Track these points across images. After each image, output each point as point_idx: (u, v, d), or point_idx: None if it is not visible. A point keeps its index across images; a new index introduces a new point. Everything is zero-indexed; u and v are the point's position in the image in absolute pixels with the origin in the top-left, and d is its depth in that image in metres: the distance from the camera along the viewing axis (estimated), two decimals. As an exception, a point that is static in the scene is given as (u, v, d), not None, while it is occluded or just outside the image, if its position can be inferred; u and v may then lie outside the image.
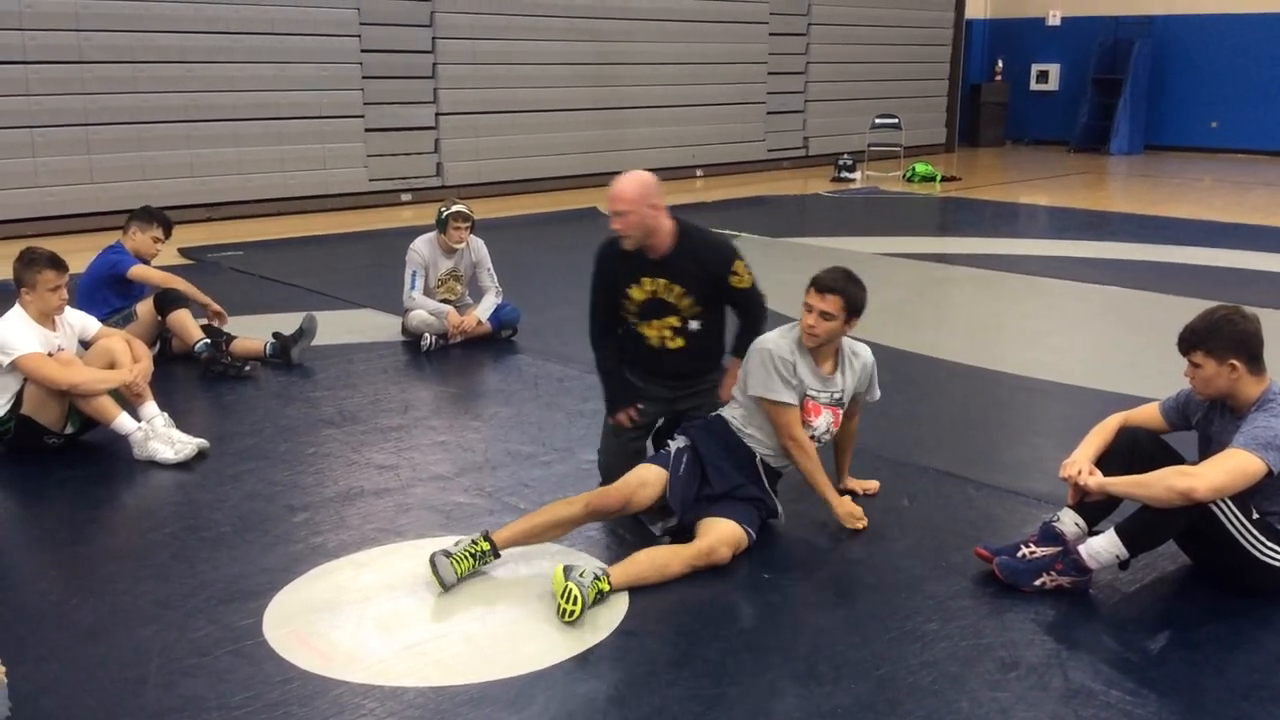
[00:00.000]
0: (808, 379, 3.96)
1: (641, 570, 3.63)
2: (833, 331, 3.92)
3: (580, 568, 3.50)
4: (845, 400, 4.08)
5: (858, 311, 3.94)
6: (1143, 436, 3.73)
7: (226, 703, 2.98)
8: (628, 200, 4.11)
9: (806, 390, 3.97)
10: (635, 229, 4.15)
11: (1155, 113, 19.31)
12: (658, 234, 4.18)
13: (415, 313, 6.64)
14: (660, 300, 4.25)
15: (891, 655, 3.23)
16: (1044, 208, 13.63)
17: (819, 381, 3.99)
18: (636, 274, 4.26)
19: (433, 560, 3.64)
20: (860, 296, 3.92)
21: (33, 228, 10.01)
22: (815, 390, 3.99)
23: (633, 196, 4.11)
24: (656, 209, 4.15)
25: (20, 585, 3.73)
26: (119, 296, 6.16)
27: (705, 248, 4.26)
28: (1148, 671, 3.18)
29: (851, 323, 3.95)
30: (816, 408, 4.00)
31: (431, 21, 12.78)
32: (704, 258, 4.22)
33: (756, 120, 16.61)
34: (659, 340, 4.31)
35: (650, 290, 4.25)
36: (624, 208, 4.12)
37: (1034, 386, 6.00)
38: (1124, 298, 8.18)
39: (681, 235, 4.24)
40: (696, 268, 4.21)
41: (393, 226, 11.09)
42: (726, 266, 4.23)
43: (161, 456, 4.72)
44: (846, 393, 4.07)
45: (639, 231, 4.16)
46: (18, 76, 10.12)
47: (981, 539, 3.91)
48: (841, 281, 3.90)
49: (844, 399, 4.07)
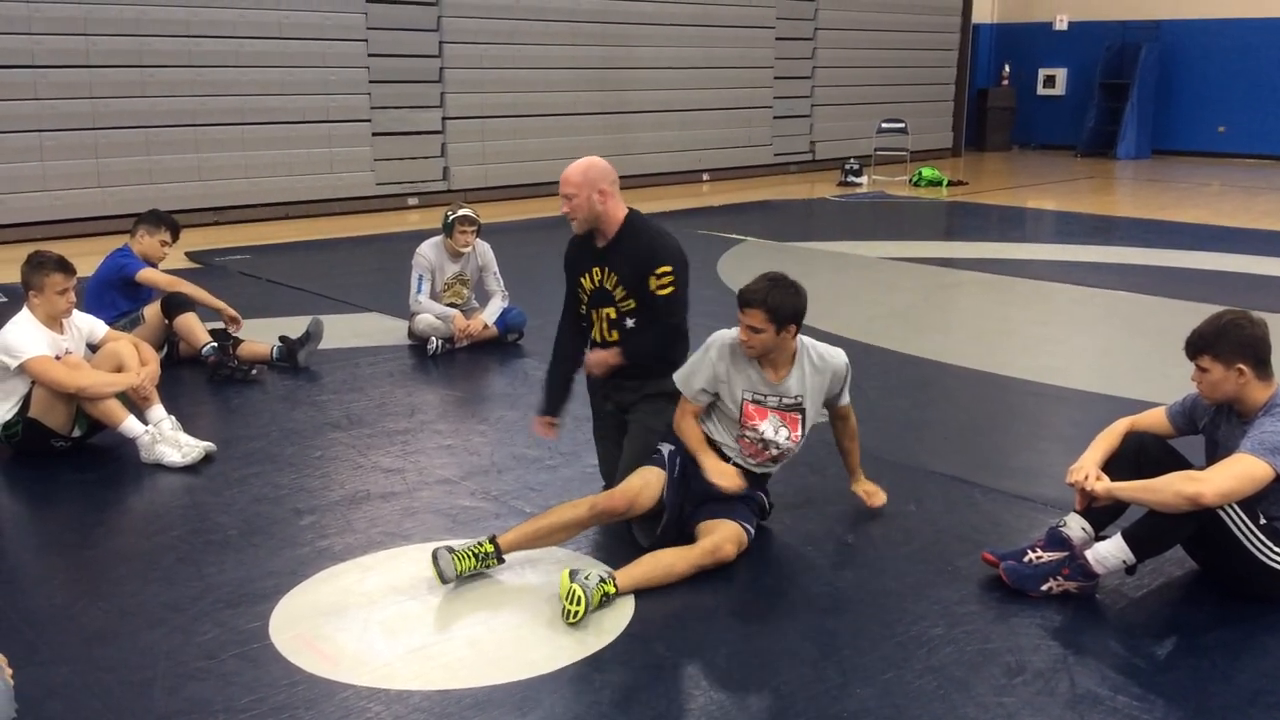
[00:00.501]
0: (751, 383, 3.92)
1: (647, 572, 3.63)
2: (767, 343, 3.81)
3: (586, 571, 3.51)
4: (806, 406, 3.93)
5: (790, 319, 3.78)
6: (1150, 441, 3.72)
7: (233, 706, 2.98)
8: (574, 183, 4.17)
9: (748, 394, 3.92)
10: (580, 212, 4.19)
11: (1162, 117, 19.29)
12: (605, 221, 4.21)
13: (422, 317, 6.65)
14: (603, 290, 4.26)
15: (897, 660, 3.22)
16: (1051, 212, 13.62)
17: (765, 386, 3.91)
18: (589, 263, 4.29)
19: (435, 554, 3.65)
20: (787, 303, 3.77)
21: (41, 231, 10.04)
22: (761, 394, 3.92)
23: (578, 180, 4.17)
24: (605, 195, 4.18)
25: (27, 588, 3.74)
26: (127, 300, 6.18)
27: (641, 243, 4.22)
28: (1155, 677, 3.17)
29: (788, 330, 3.80)
30: (761, 411, 3.92)
31: (438, 26, 12.81)
32: (637, 251, 4.19)
33: (763, 124, 16.61)
34: (599, 333, 4.32)
35: (597, 280, 4.27)
36: (570, 190, 4.18)
37: (1040, 391, 5.99)
38: (1131, 302, 8.16)
39: (627, 226, 4.25)
40: (629, 259, 4.19)
41: (399, 231, 11.11)
42: (651, 266, 4.16)
43: (168, 460, 4.73)
44: (806, 398, 3.93)
45: (583, 215, 4.20)
46: (26, 81, 10.16)
47: (988, 544, 3.91)
48: (761, 294, 3.77)
49: (803, 404, 3.92)
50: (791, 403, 3.93)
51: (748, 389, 3.93)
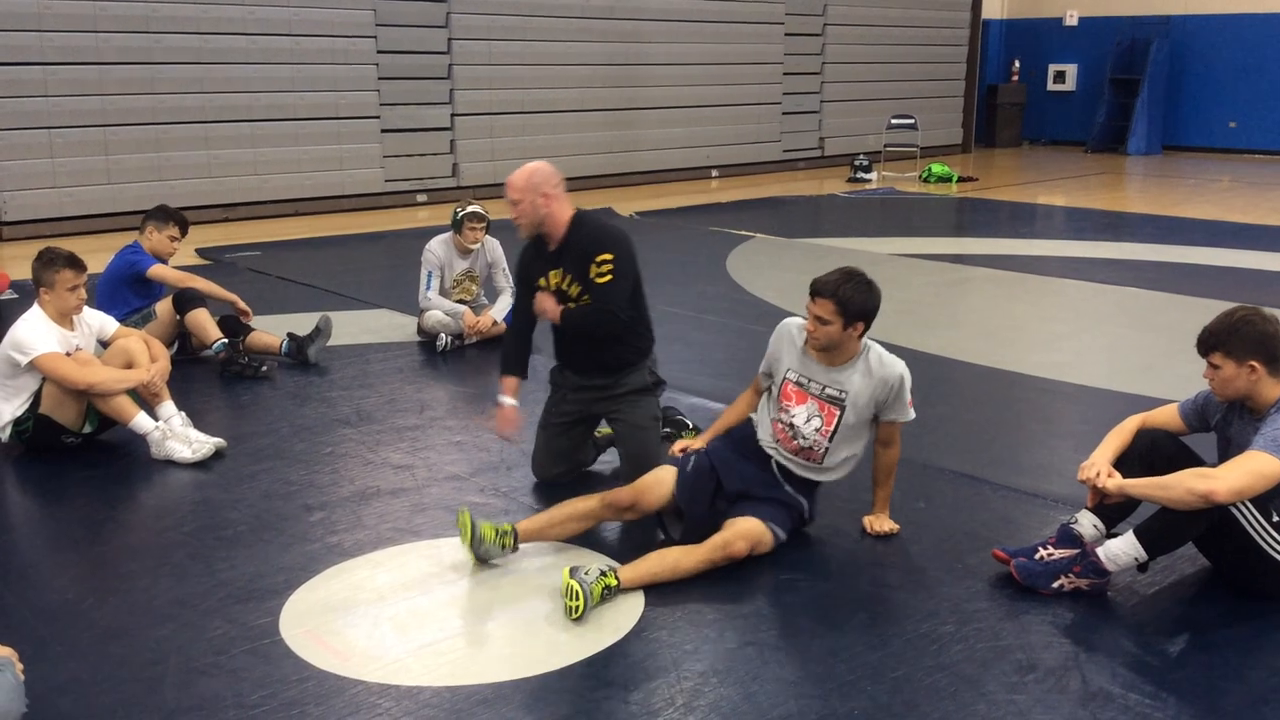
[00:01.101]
0: (799, 364, 3.90)
1: (652, 568, 3.62)
2: (832, 336, 3.74)
3: (586, 566, 3.51)
4: (848, 404, 3.82)
5: (859, 315, 3.73)
6: (1161, 438, 3.70)
7: (243, 701, 2.99)
8: (518, 189, 4.21)
9: (791, 374, 3.91)
10: (526, 217, 4.23)
11: (1173, 113, 19.22)
12: (551, 223, 4.24)
13: (431, 313, 6.66)
14: (561, 292, 4.29)
15: (908, 657, 3.21)
16: (1061, 208, 13.58)
17: (814, 370, 3.86)
18: (545, 267, 4.31)
19: (470, 515, 3.73)
20: (860, 300, 3.71)
21: (51, 228, 10.08)
22: (804, 377, 3.87)
23: (522, 185, 4.20)
24: (549, 198, 4.20)
25: (38, 584, 3.75)
26: (138, 296, 6.19)
27: (587, 235, 4.24)
28: (1166, 674, 3.16)
29: (855, 327, 3.75)
30: (799, 394, 3.87)
31: (447, 23, 12.81)
32: (584, 245, 4.21)
33: (772, 121, 16.59)
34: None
35: (555, 283, 4.29)
36: (515, 196, 4.22)
37: (1051, 388, 5.97)
38: (1141, 299, 8.14)
39: (573, 225, 4.26)
40: (580, 256, 4.21)
41: (408, 227, 11.11)
42: (593, 253, 4.18)
43: (179, 456, 4.74)
44: (851, 396, 3.81)
45: (530, 220, 4.24)
46: (36, 78, 10.19)
47: (999, 541, 3.90)
48: (834, 285, 3.71)
49: (845, 401, 3.82)
50: (835, 395, 3.83)
51: (793, 369, 3.90)
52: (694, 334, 7.04)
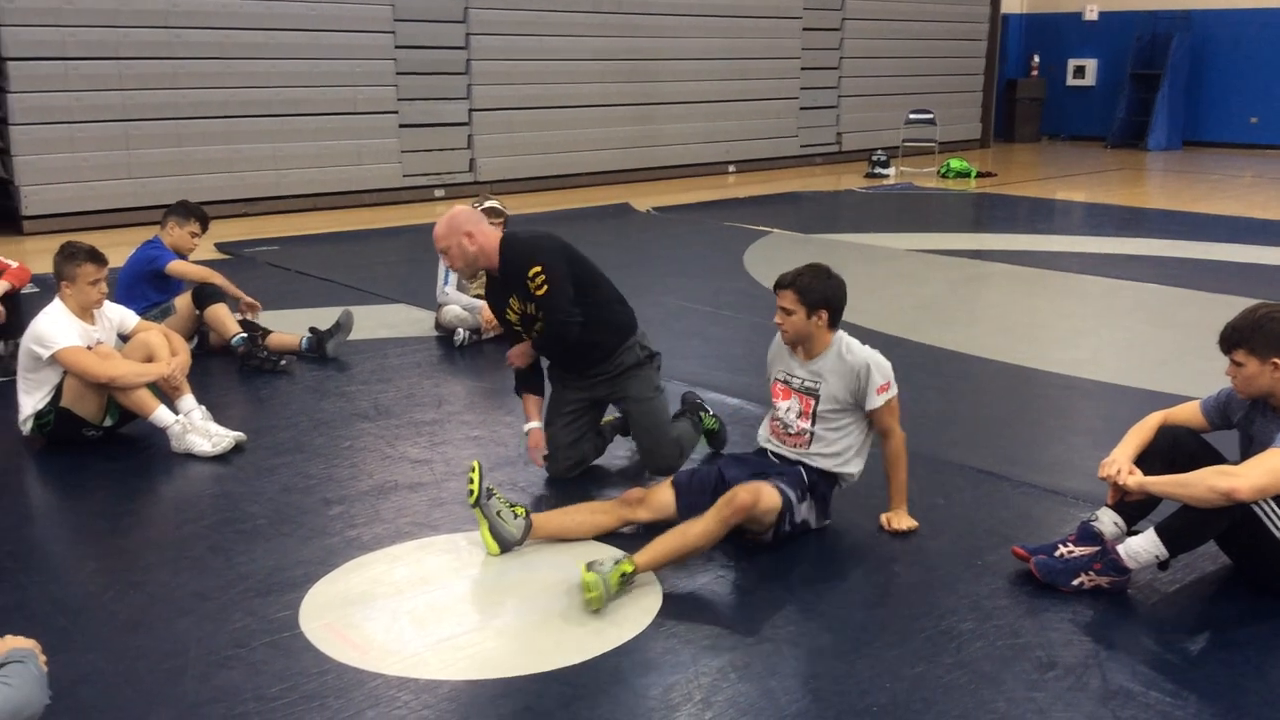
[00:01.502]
0: (785, 365, 4.07)
1: (663, 546, 3.63)
2: (798, 326, 3.91)
3: (600, 559, 3.53)
4: (821, 393, 3.93)
5: (820, 304, 3.87)
6: (1183, 435, 3.68)
7: (263, 694, 3.00)
8: (441, 237, 4.32)
9: (780, 374, 4.07)
10: (459, 260, 4.34)
11: (1194, 108, 19.10)
12: (484, 257, 4.34)
13: (449, 308, 6.67)
14: (526, 314, 4.40)
15: (927, 654, 3.21)
16: (1080, 204, 13.51)
17: (795, 366, 4.03)
18: (503, 297, 4.44)
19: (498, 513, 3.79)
20: (818, 287, 3.87)
21: (72, 222, 10.13)
22: (787, 375, 4.04)
23: (444, 233, 4.31)
24: (471, 236, 4.29)
25: (60, 576, 3.77)
26: (157, 291, 6.22)
27: (513, 257, 4.32)
28: (1187, 673, 3.14)
29: (819, 316, 3.88)
30: (785, 391, 4.05)
31: (465, 17, 12.82)
32: (516, 265, 4.31)
33: (790, 116, 16.55)
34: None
35: (517, 310, 4.41)
36: (441, 245, 4.34)
37: (1071, 384, 5.94)
38: (1162, 295, 8.09)
39: (503, 249, 4.34)
40: (515, 277, 4.32)
41: (426, 222, 11.05)
42: (525, 270, 4.27)
43: (199, 449, 4.76)
44: (826, 385, 3.93)
45: (463, 262, 4.34)
46: (58, 73, 10.24)
47: (1018, 538, 3.88)
48: (793, 276, 3.90)
49: (818, 389, 3.94)
50: (811, 386, 3.98)
51: (781, 370, 4.08)
52: (711, 329, 7.03)
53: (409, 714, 2.93)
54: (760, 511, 3.73)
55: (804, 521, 3.94)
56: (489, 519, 3.81)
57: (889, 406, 3.95)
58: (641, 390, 4.48)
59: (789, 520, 3.86)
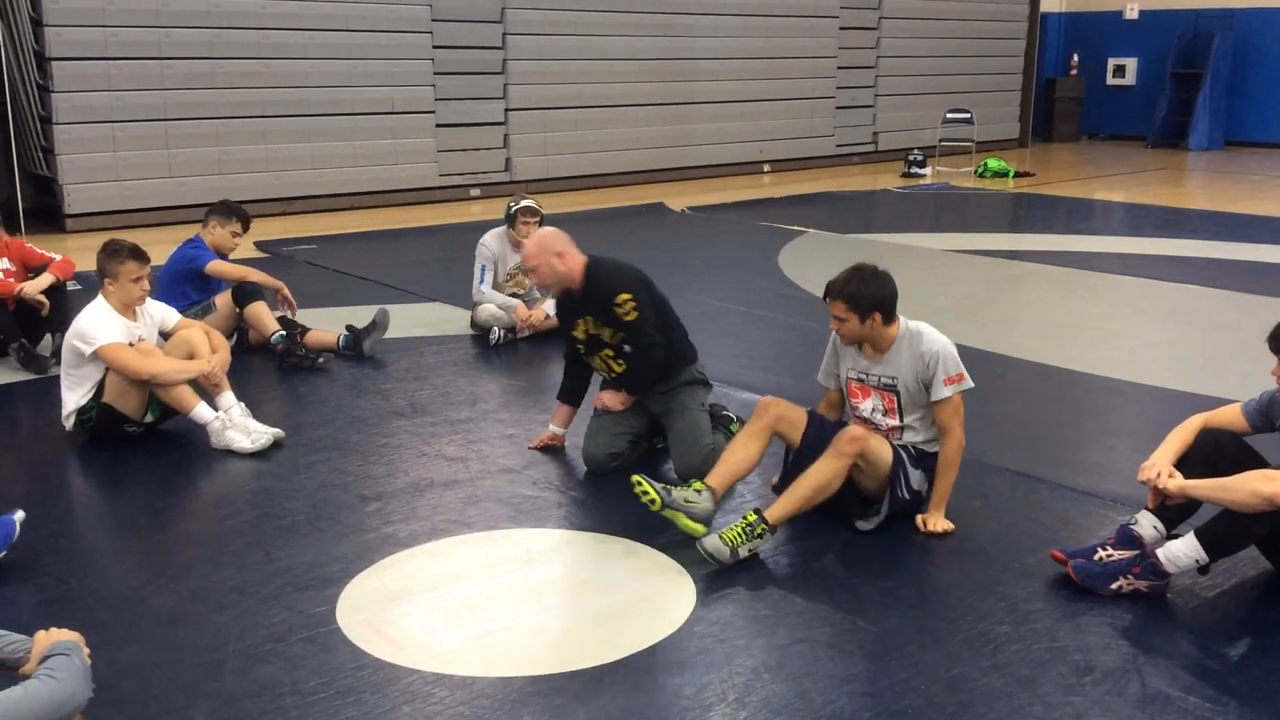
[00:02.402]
0: (853, 361, 4.12)
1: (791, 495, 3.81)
2: (854, 332, 3.98)
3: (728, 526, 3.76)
4: (899, 386, 4.00)
5: (871, 307, 3.92)
6: (1224, 438, 3.64)
7: (300, 688, 3.03)
8: (532, 257, 4.54)
9: (852, 373, 4.11)
10: (547, 279, 4.56)
11: (1236, 108, 18.84)
12: (570, 278, 4.54)
13: (484, 306, 6.69)
14: (595, 337, 4.58)
15: (963, 657, 3.19)
16: (1120, 204, 13.37)
17: (866, 363, 4.08)
18: (575, 315, 4.63)
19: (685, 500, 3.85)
20: (867, 293, 3.91)
21: (114, 220, 10.24)
22: (860, 373, 4.09)
23: (535, 252, 4.53)
24: (561, 256, 4.50)
25: (101, 570, 3.82)
26: (196, 290, 6.28)
27: (599, 284, 4.52)
28: (1228, 679, 3.11)
29: (872, 319, 3.94)
30: (863, 390, 4.10)
31: (502, 18, 12.86)
32: (601, 291, 4.50)
33: (825, 115, 16.48)
34: (606, 369, 4.64)
35: (585, 329, 4.60)
36: (531, 264, 4.56)
37: (1110, 386, 5.89)
38: (1203, 296, 7.99)
39: (587, 273, 4.55)
40: (599, 301, 4.50)
41: (462, 221, 11.17)
42: (611, 298, 4.46)
43: (238, 445, 4.81)
44: (901, 379, 3.99)
45: (551, 281, 4.56)
46: (99, 72, 10.36)
47: (1056, 541, 3.85)
48: (841, 284, 3.95)
49: (896, 385, 4.01)
50: (888, 382, 4.03)
51: (852, 368, 4.12)
52: (745, 329, 7.02)
53: (444, 710, 2.94)
54: (874, 452, 3.84)
55: (917, 493, 3.99)
56: (682, 510, 3.85)
57: (953, 403, 3.95)
58: (686, 401, 4.59)
59: (903, 484, 3.93)
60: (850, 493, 3.96)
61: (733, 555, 3.69)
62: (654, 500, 3.82)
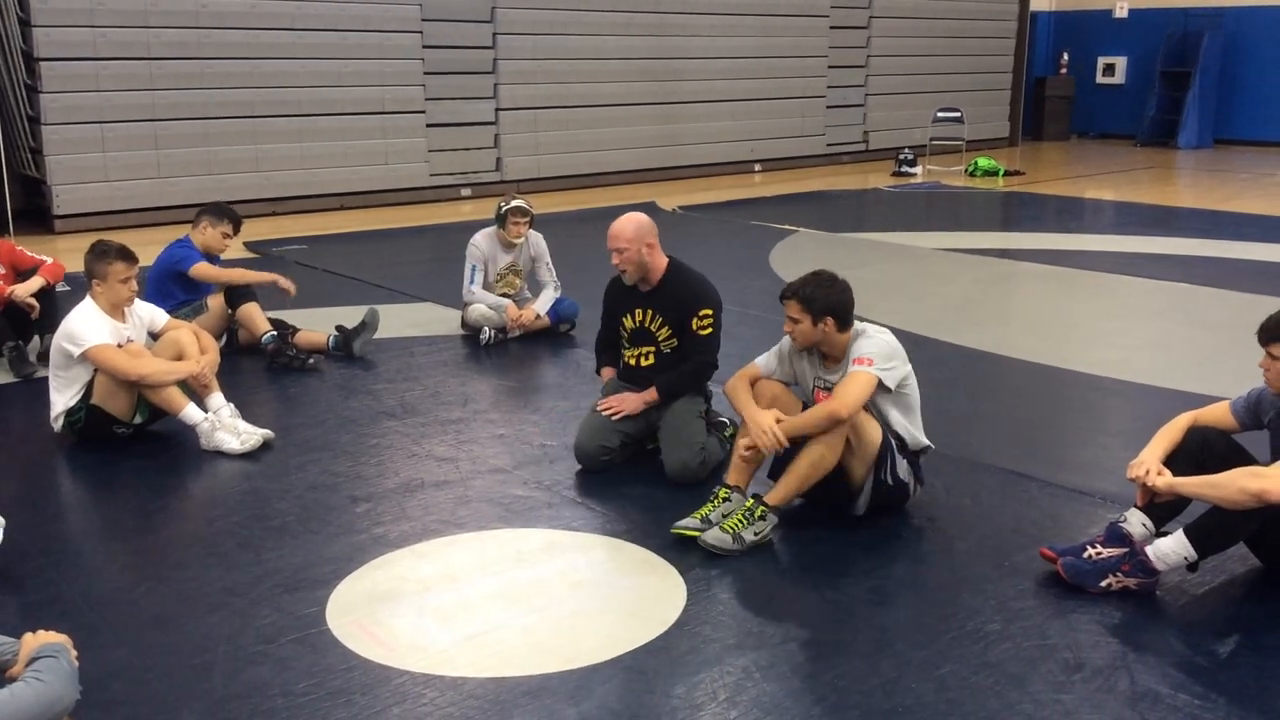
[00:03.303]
0: (817, 371, 4.13)
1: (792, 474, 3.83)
2: (807, 334, 3.98)
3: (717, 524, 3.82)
4: None
5: (825, 311, 3.91)
6: (1213, 436, 3.65)
7: (290, 690, 3.02)
8: (626, 239, 4.54)
9: (818, 381, 4.12)
10: (631, 264, 4.57)
11: (1225, 106, 18.91)
12: (652, 270, 4.60)
13: (475, 307, 6.69)
14: (645, 329, 4.66)
15: (953, 655, 3.19)
16: (1110, 203, 13.40)
17: (825, 373, 4.10)
18: (631, 305, 4.68)
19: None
20: (822, 295, 3.91)
21: (102, 221, 10.22)
22: (827, 381, 4.09)
23: (630, 235, 4.53)
24: (651, 247, 4.57)
25: (90, 572, 3.81)
26: (184, 290, 6.26)
27: (687, 288, 4.61)
28: (1217, 675, 3.12)
29: (825, 323, 3.93)
30: (827, 397, 4.08)
31: (492, 17, 12.85)
32: (684, 296, 4.59)
33: (816, 114, 16.50)
34: (635, 360, 4.73)
35: (640, 320, 4.67)
36: (622, 245, 4.55)
37: (1100, 385, 5.90)
38: (1192, 294, 8.01)
39: (670, 272, 4.64)
40: (676, 303, 4.58)
41: (453, 221, 11.16)
42: (696, 309, 4.56)
43: (227, 446, 4.79)
44: None
45: (635, 267, 4.58)
46: (88, 73, 10.33)
47: (1046, 539, 3.86)
48: (797, 286, 3.97)
49: None
50: None
51: (819, 377, 4.12)
52: (737, 329, 7.00)
53: (434, 711, 2.94)
54: (865, 428, 3.85)
55: (903, 483, 3.99)
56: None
57: (853, 378, 3.85)
58: (684, 405, 4.62)
59: (889, 469, 3.93)
60: (840, 487, 3.97)
61: (737, 542, 3.72)
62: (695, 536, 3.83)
